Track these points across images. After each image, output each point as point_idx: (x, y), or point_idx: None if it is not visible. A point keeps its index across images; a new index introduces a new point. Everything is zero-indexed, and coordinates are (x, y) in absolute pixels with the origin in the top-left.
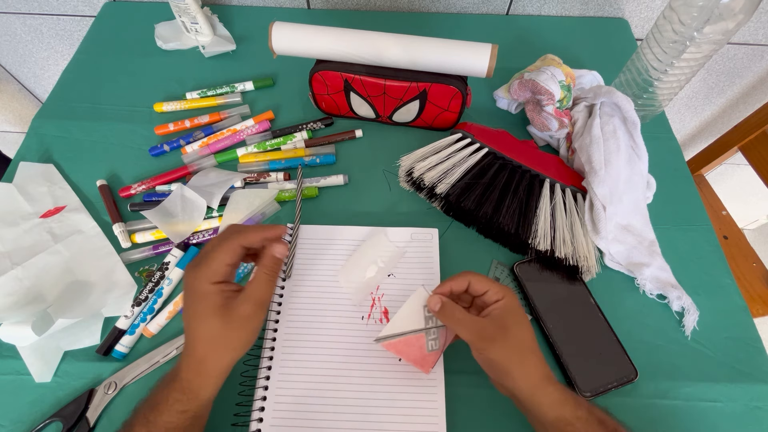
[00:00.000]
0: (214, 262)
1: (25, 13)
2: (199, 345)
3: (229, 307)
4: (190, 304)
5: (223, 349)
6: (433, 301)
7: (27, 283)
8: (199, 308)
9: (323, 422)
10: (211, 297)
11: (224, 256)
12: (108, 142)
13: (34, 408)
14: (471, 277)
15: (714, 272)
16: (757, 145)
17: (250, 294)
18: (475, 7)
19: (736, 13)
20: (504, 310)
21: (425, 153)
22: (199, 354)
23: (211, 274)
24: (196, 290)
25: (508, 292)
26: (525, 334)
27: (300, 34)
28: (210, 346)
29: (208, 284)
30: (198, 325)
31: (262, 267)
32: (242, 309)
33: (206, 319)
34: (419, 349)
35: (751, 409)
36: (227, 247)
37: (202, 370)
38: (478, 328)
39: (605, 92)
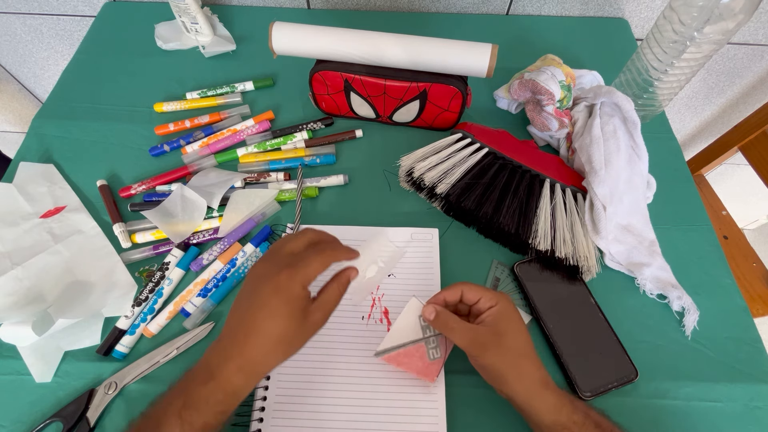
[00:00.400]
0: (310, 268)
1: (25, 13)
2: (259, 345)
3: (306, 312)
4: (270, 300)
5: (283, 352)
6: (428, 310)
7: (27, 283)
8: (282, 308)
9: (323, 422)
10: (299, 300)
11: (319, 266)
12: (108, 142)
13: (34, 408)
14: (463, 286)
15: (714, 272)
16: (757, 145)
17: (324, 303)
18: (475, 7)
19: (736, 13)
20: (497, 316)
21: (425, 153)
22: (254, 354)
23: (305, 279)
24: (287, 290)
25: (502, 298)
26: (520, 340)
27: (300, 34)
28: (274, 347)
29: (300, 287)
30: (272, 323)
31: (337, 282)
32: (315, 316)
33: (285, 319)
34: (420, 359)
35: (751, 409)
36: (323, 260)
37: (252, 371)
38: (472, 336)
39: (605, 92)
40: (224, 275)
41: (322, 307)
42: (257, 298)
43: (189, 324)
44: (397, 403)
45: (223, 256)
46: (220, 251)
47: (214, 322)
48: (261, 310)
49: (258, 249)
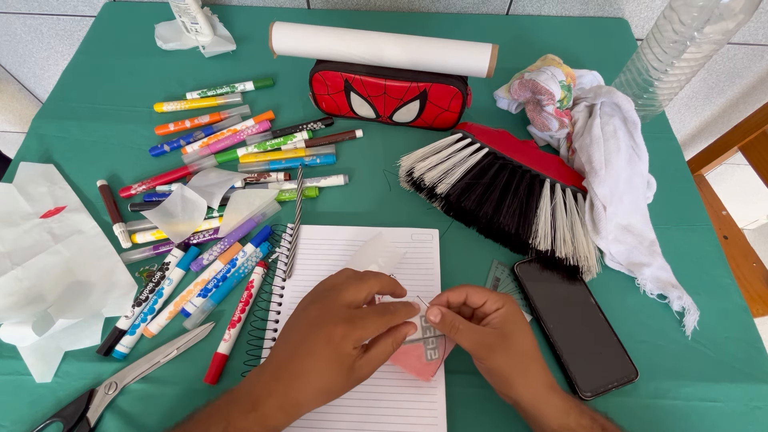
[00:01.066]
0: (368, 331)
1: (25, 13)
2: (304, 390)
3: (353, 369)
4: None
5: (324, 399)
6: (433, 312)
7: (27, 283)
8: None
9: (323, 422)
10: (348, 359)
11: (377, 330)
12: (108, 142)
13: (34, 408)
14: (468, 289)
15: (714, 272)
16: (757, 145)
17: (374, 360)
18: (475, 7)
19: (736, 13)
20: (504, 318)
21: (425, 153)
22: (299, 397)
23: (358, 340)
24: (339, 347)
25: (508, 300)
26: (526, 343)
27: (300, 34)
28: (316, 394)
29: (351, 347)
30: (318, 375)
31: (392, 338)
32: (363, 371)
33: (332, 374)
34: (417, 358)
35: (751, 409)
36: (383, 323)
37: (292, 411)
38: (479, 338)
39: (605, 92)
40: (224, 275)
41: (371, 362)
42: (307, 345)
43: (189, 324)
44: (398, 404)
45: (224, 256)
46: (220, 251)
47: (215, 322)
48: (309, 357)
49: (258, 249)
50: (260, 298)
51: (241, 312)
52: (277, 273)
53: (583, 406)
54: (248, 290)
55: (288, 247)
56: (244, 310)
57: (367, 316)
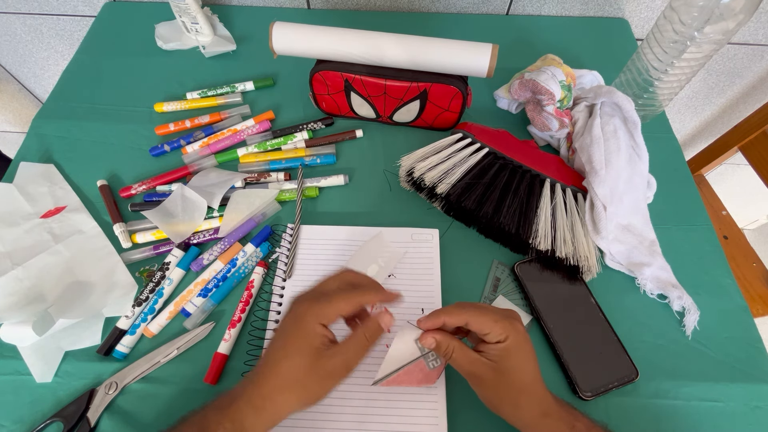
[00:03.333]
0: (332, 305)
1: (25, 13)
2: (272, 379)
3: (320, 354)
4: (286, 334)
5: (294, 395)
6: (428, 341)
7: (27, 283)
8: (293, 342)
9: (323, 422)
10: (312, 337)
11: (343, 305)
12: (108, 142)
13: (34, 408)
14: (469, 316)
15: (714, 272)
16: (757, 145)
17: (345, 351)
18: (475, 7)
19: (736, 13)
20: (505, 352)
21: (426, 153)
22: (267, 389)
23: (323, 316)
24: (302, 324)
25: (512, 331)
26: (523, 375)
27: (300, 34)
28: (283, 386)
29: (316, 323)
30: (283, 357)
31: (365, 331)
32: (331, 362)
33: (296, 356)
34: (420, 371)
35: (751, 408)
36: (350, 300)
37: (262, 407)
38: (471, 369)
39: (606, 92)
40: (225, 275)
41: (341, 353)
42: (279, 333)
43: (189, 324)
44: (398, 404)
45: (224, 256)
46: (220, 251)
47: (215, 322)
48: (277, 343)
49: (258, 249)
50: (260, 298)
51: (242, 312)
52: (278, 273)
53: (578, 424)
54: (248, 290)
55: (288, 247)
56: (245, 310)
57: (335, 293)
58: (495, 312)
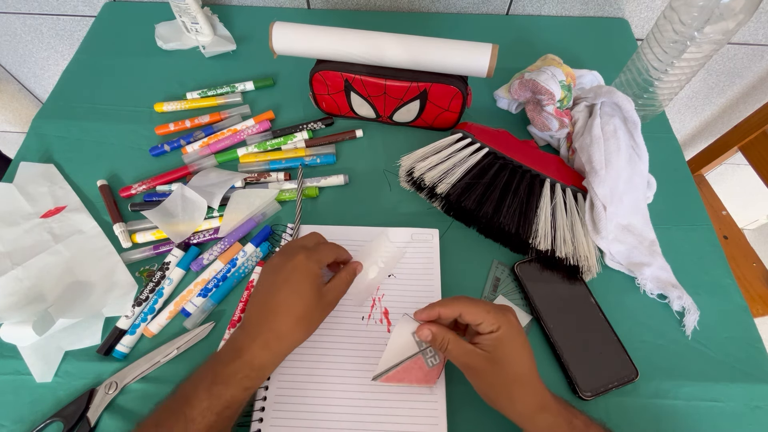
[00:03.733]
0: (324, 252)
1: (25, 13)
2: (286, 319)
3: (321, 291)
4: (290, 280)
5: (305, 328)
6: (424, 333)
7: (27, 283)
8: (303, 284)
9: (323, 422)
10: (316, 278)
11: (330, 253)
12: (108, 142)
13: (34, 408)
14: (463, 307)
15: (714, 272)
16: (757, 145)
17: (335, 286)
18: (475, 7)
19: (736, 13)
20: (497, 343)
21: (425, 153)
22: (282, 329)
23: (322, 260)
24: (305, 267)
25: (504, 321)
26: (518, 367)
27: (300, 34)
28: (296, 323)
29: (317, 266)
30: (294, 298)
31: (345, 270)
32: (329, 296)
33: (306, 293)
34: (419, 369)
35: (751, 408)
36: (333, 249)
37: (277, 346)
38: (466, 360)
39: (606, 92)
40: (225, 275)
41: (334, 288)
42: (279, 278)
43: (189, 324)
44: (398, 403)
45: (224, 256)
46: (220, 251)
47: (215, 322)
48: (284, 286)
49: (258, 249)
50: None
51: (242, 312)
52: None
53: (576, 421)
54: (248, 290)
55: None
56: (245, 309)
57: (319, 246)
58: (487, 303)
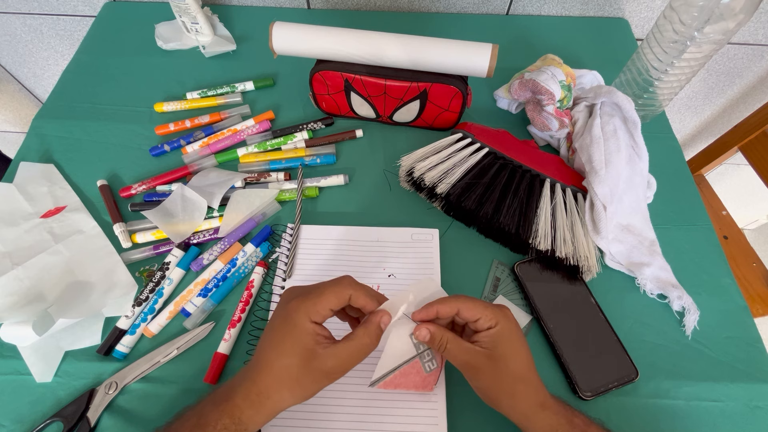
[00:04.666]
0: (320, 301)
1: (25, 13)
2: (266, 377)
3: (314, 354)
4: (277, 332)
5: (289, 392)
6: (422, 333)
7: (27, 283)
8: (286, 340)
9: (323, 422)
10: (303, 335)
11: (332, 299)
12: (108, 142)
13: (34, 408)
14: (460, 303)
15: (714, 272)
16: (757, 145)
17: (342, 352)
18: (475, 7)
19: (736, 13)
20: (495, 339)
21: (425, 153)
22: (262, 386)
23: (314, 312)
24: (293, 321)
25: (502, 318)
26: (518, 363)
27: (300, 34)
28: (278, 383)
29: (307, 320)
30: (276, 356)
31: (364, 331)
32: (327, 363)
33: (288, 355)
34: (417, 374)
35: (751, 408)
36: (338, 293)
37: (259, 403)
38: (467, 359)
39: (606, 92)
40: (225, 275)
41: (338, 354)
42: (270, 329)
43: (189, 324)
44: (398, 404)
45: (224, 256)
46: (220, 251)
47: (215, 322)
48: (267, 338)
49: (258, 249)
50: (260, 298)
51: (242, 312)
52: (278, 273)
53: (576, 420)
54: (248, 290)
55: (288, 247)
56: (245, 309)
57: (324, 289)
58: (484, 301)
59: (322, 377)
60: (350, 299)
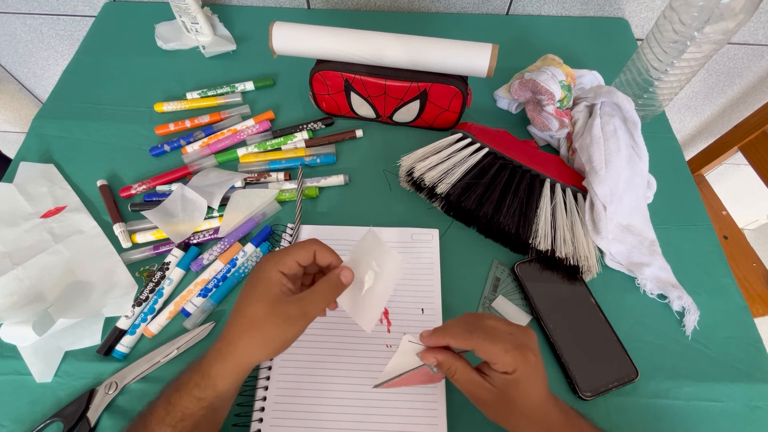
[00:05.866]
0: (287, 254)
1: (25, 13)
2: (234, 326)
3: (279, 301)
4: (248, 285)
5: (253, 340)
6: (429, 359)
7: (27, 283)
8: (253, 290)
9: (323, 422)
10: (269, 283)
11: (299, 252)
12: (108, 142)
13: (34, 408)
14: (478, 344)
15: (714, 272)
16: (757, 145)
17: (303, 299)
18: (475, 7)
19: (736, 13)
20: (510, 383)
21: (426, 153)
22: (230, 336)
23: (281, 264)
24: (261, 272)
25: (522, 363)
26: (528, 402)
27: (300, 34)
28: (243, 330)
29: (273, 270)
30: (244, 306)
31: (325, 282)
32: (289, 308)
33: (254, 301)
34: (424, 374)
35: (751, 408)
36: (304, 247)
37: (227, 354)
38: (474, 391)
39: (606, 92)
40: (224, 275)
41: (300, 300)
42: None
43: (189, 324)
44: (398, 403)
45: (224, 256)
46: (220, 251)
47: (215, 322)
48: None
49: (258, 249)
50: None
51: None
52: None
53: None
54: None
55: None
56: None
57: (292, 246)
58: (506, 340)
59: (284, 322)
60: (315, 255)
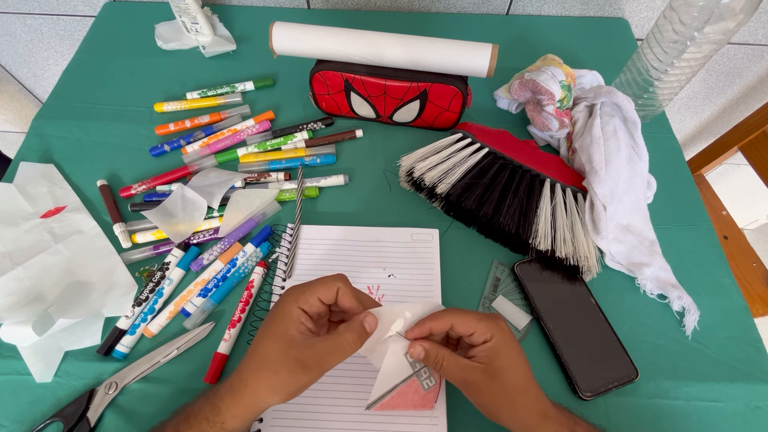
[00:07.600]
0: (309, 289)
1: (25, 13)
2: (249, 361)
3: (293, 342)
4: (267, 319)
5: (265, 380)
6: (416, 350)
7: (27, 283)
8: (270, 326)
9: (323, 422)
10: (288, 320)
11: (322, 289)
12: (108, 142)
13: (34, 408)
14: (453, 318)
15: (714, 272)
16: (757, 145)
17: (320, 344)
18: (475, 7)
19: (736, 13)
20: (492, 352)
21: (425, 153)
22: (244, 372)
23: (301, 300)
24: (280, 307)
25: (497, 330)
26: (517, 376)
27: (300, 34)
28: (256, 369)
29: (295, 306)
30: (260, 341)
31: (347, 327)
32: (305, 353)
33: (269, 339)
34: (415, 393)
35: (751, 408)
36: (326, 283)
37: (238, 392)
38: (464, 375)
39: (606, 92)
40: (224, 275)
41: (315, 345)
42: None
43: (189, 324)
44: None
45: (224, 256)
46: (220, 251)
47: (215, 322)
48: (260, 327)
49: (258, 249)
50: (260, 298)
51: (242, 312)
52: (278, 273)
53: (579, 428)
54: (248, 290)
55: (288, 247)
56: (245, 310)
57: (316, 281)
58: (477, 312)
59: (297, 368)
60: (338, 294)
